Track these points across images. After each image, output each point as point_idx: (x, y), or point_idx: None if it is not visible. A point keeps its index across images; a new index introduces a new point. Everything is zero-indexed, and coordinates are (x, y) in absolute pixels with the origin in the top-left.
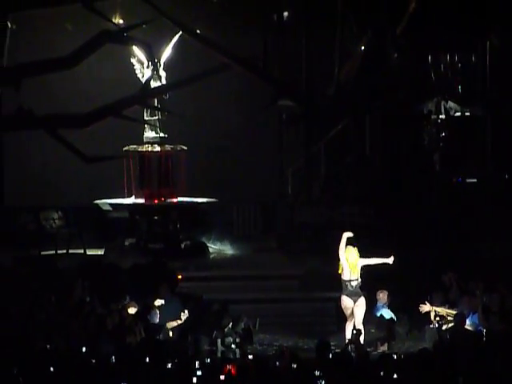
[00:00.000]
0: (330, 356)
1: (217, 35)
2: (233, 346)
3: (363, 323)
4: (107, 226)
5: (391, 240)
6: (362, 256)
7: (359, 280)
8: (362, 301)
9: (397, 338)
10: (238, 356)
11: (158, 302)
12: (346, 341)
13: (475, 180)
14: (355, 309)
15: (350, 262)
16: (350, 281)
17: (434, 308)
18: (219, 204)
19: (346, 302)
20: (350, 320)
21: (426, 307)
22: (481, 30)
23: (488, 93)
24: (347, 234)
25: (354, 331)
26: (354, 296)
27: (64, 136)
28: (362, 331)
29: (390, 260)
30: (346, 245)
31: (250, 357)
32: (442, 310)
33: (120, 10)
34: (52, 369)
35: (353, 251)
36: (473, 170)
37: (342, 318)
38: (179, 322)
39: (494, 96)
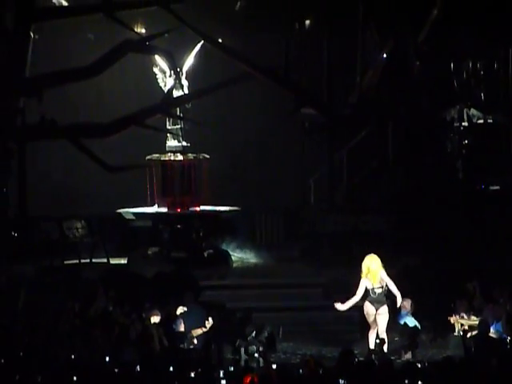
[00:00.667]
0: (354, 364)
1: (239, 44)
2: (256, 354)
3: (387, 331)
4: (130, 235)
5: (415, 248)
6: (385, 267)
7: (384, 288)
8: (384, 309)
9: (421, 346)
10: (261, 365)
11: (181, 310)
12: (370, 349)
13: (498, 187)
14: (377, 317)
15: (372, 270)
16: (374, 289)
17: (460, 321)
18: (242, 212)
19: (368, 308)
20: (374, 328)
21: (452, 319)
22: (503, 37)
23: (511, 100)
24: (370, 258)
25: (378, 340)
26: (376, 303)
27: (87, 145)
28: (386, 340)
29: (399, 302)
30: (369, 253)
31: (274, 366)
32: (467, 323)
33: (142, 19)
34: (75, 378)
35: (374, 259)
36: (496, 177)
37: (365, 326)
38: (204, 329)
39: None
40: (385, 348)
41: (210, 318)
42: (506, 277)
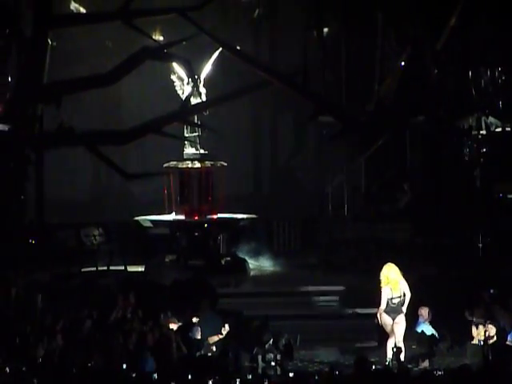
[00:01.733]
0: (370, 372)
1: (257, 51)
2: (273, 362)
3: (404, 339)
4: (148, 242)
5: (432, 256)
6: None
7: (402, 298)
8: (400, 318)
9: (438, 355)
10: (278, 373)
11: (195, 319)
12: (387, 357)
13: None
14: (394, 326)
15: (392, 280)
16: (392, 298)
17: (480, 332)
18: (259, 220)
19: (385, 319)
20: (391, 336)
21: (473, 332)
22: None
23: None
24: (388, 268)
25: (395, 349)
26: (393, 313)
27: (104, 153)
28: (403, 348)
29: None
30: (386, 261)
31: (291, 374)
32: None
33: (160, 26)
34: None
35: (392, 268)
36: None
37: (382, 334)
38: (220, 336)
39: None
40: (402, 356)
41: (227, 325)
42: None
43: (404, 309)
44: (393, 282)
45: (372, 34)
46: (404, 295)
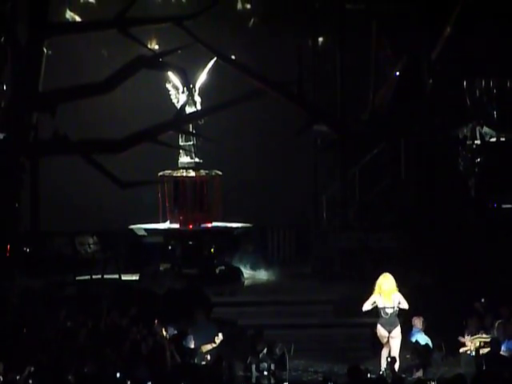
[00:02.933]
0: (365, 381)
1: (252, 61)
2: (267, 372)
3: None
4: (142, 251)
5: (426, 266)
6: (397, 285)
7: (396, 308)
8: (396, 331)
9: (432, 364)
10: (272, 382)
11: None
12: (381, 367)
13: (511, 206)
14: (390, 340)
15: (384, 290)
16: (385, 308)
17: (471, 340)
18: (254, 229)
19: (381, 331)
20: (387, 347)
21: (463, 340)
22: None
23: None
24: (383, 278)
25: (389, 359)
26: (388, 326)
27: (99, 161)
28: (397, 359)
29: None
30: (381, 270)
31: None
32: (478, 340)
33: (155, 35)
34: None
35: (388, 279)
36: (508, 195)
37: (376, 343)
38: (214, 345)
39: None
40: (396, 366)
41: (220, 334)
42: None
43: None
44: (385, 293)
45: (367, 43)
46: (398, 307)
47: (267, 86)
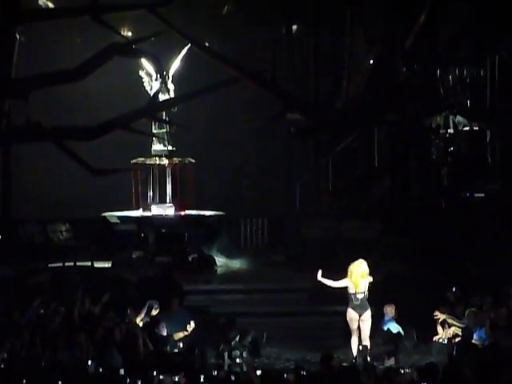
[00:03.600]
0: (337, 369)
1: (225, 48)
2: (239, 359)
3: (370, 337)
4: (115, 238)
5: (399, 254)
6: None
7: (366, 293)
8: (367, 315)
9: (404, 352)
10: (244, 369)
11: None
12: (353, 355)
13: (483, 195)
14: (361, 323)
15: (355, 276)
16: (356, 294)
17: (447, 318)
18: (227, 217)
19: (352, 314)
20: (355, 334)
21: (440, 315)
22: (490, 43)
23: (497, 107)
24: (355, 264)
25: (361, 347)
26: (359, 309)
27: (72, 148)
28: (369, 346)
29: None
30: (354, 258)
31: (258, 371)
32: (452, 322)
33: (128, 22)
34: (60, 382)
35: (359, 265)
36: (481, 184)
37: (348, 332)
38: (186, 333)
39: (503, 110)
40: (368, 353)
41: (192, 322)
42: (488, 284)
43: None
44: (354, 278)
45: (341, 31)
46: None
47: (241, 74)
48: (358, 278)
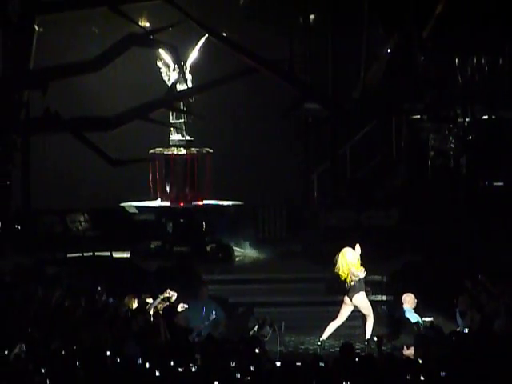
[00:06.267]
0: (356, 358)
1: (243, 38)
2: (257, 350)
3: (381, 325)
4: (133, 228)
5: (417, 243)
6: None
7: (356, 281)
8: (356, 300)
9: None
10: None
11: (181, 308)
12: (365, 342)
13: (502, 183)
14: (344, 306)
15: (338, 266)
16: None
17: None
18: (245, 207)
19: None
20: (369, 319)
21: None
22: (508, 32)
23: None
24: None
25: (375, 338)
26: (351, 293)
27: (90, 139)
28: (368, 334)
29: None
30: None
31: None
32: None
33: (146, 13)
34: (79, 372)
35: (347, 254)
36: (500, 173)
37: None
38: (206, 323)
39: None
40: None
41: (214, 312)
42: (506, 272)
43: None
44: (338, 268)
45: (358, 20)
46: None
47: (258, 64)
48: (338, 267)
